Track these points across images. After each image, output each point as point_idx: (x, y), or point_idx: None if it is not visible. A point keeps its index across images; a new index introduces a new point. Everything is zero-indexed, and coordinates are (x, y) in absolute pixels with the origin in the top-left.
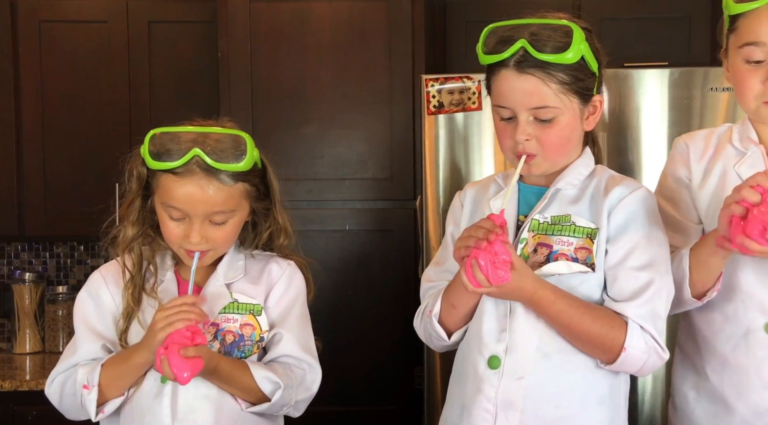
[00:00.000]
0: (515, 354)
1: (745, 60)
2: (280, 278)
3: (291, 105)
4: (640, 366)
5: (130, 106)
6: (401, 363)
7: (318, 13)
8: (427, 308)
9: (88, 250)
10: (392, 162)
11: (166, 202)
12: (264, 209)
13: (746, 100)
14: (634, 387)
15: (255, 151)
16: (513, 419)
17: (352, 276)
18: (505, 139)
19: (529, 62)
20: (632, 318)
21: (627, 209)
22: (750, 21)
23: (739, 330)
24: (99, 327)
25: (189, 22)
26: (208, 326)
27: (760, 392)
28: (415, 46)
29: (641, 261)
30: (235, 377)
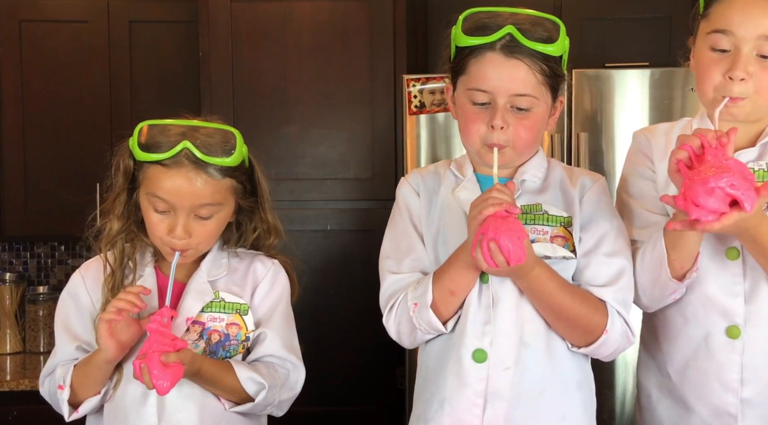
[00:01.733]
0: (500, 345)
1: (710, 47)
2: (264, 277)
3: (272, 105)
4: (614, 349)
5: (111, 105)
6: (383, 363)
7: (299, 13)
8: (409, 300)
9: (69, 250)
10: (374, 162)
11: (153, 192)
12: (250, 208)
13: (705, 89)
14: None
15: (244, 147)
16: (500, 409)
17: (334, 276)
18: (476, 124)
19: (518, 48)
20: (610, 303)
21: (594, 198)
22: (724, 8)
23: (700, 334)
24: (76, 328)
25: (170, 22)
26: (191, 323)
27: (720, 394)
28: (396, 46)
29: (613, 248)
30: (219, 378)
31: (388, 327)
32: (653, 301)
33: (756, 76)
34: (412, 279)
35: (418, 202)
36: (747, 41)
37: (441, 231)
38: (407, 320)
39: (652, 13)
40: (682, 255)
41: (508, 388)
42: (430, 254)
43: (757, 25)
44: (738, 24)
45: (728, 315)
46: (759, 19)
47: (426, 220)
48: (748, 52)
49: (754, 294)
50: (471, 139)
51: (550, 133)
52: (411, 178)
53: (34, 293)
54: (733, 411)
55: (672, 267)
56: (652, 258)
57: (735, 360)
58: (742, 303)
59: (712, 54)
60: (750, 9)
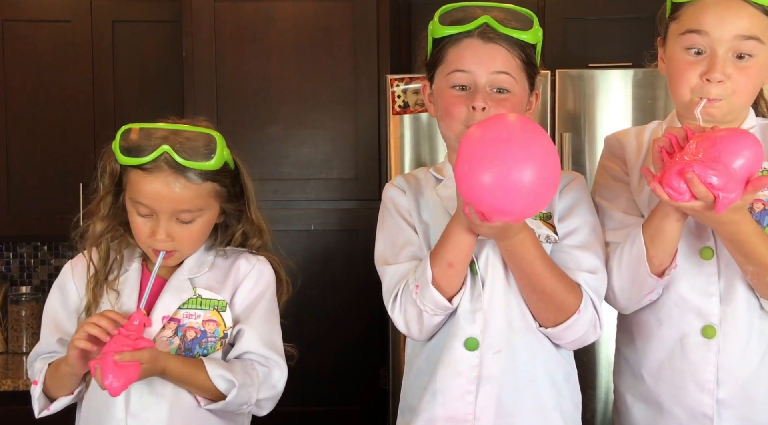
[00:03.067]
0: (490, 330)
1: (684, 48)
2: (248, 274)
3: (256, 105)
4: (581, 334)
5: (93, 105)
6: (366, 363)
7: (283, 13)
8: (411, 285)
9: (52, 250)
10: (357, 162)
11: (134, 197)
12: (236, 210)
13: (681, 91)
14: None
15: (225, 150)
16: (491, 393)
17: (318, 276)
18: (457, 107)
19: (495, 34)
20: (584, 287)
21: (572, 194)
22: (695, 9)
23: (675, 334)
24: (60, 320)
25: (153, 22)
26: (168, 321)
27: (696, 395)
28: (380, 46)
29: (588, 240)
30: (189, 376)
31: (394, 318)
32: (630, 301)
33: (733, 78)
34: (411, 266)
35: (407, 200)
36: (722, 42)
37: (431, 227)
38: (412, 304)
39: (635, 13)
40: (661, 251)
41: (498, 372)
42: (424, 249)
43: (732, 25)
44: (712, 24)
45: (703, 314)
46: (733, 19)
47: (417, 216)
48: (724, 53)
49: (729, 293)
50: (452, 123)
51: None
52: (396, 181)
53: (16, 293)
54: (708, 412)
55: (651, 264)
56: (631, 255)
57: (711, 359)
58: (717, 302)
59: (686, 55)
60: (723, 10)
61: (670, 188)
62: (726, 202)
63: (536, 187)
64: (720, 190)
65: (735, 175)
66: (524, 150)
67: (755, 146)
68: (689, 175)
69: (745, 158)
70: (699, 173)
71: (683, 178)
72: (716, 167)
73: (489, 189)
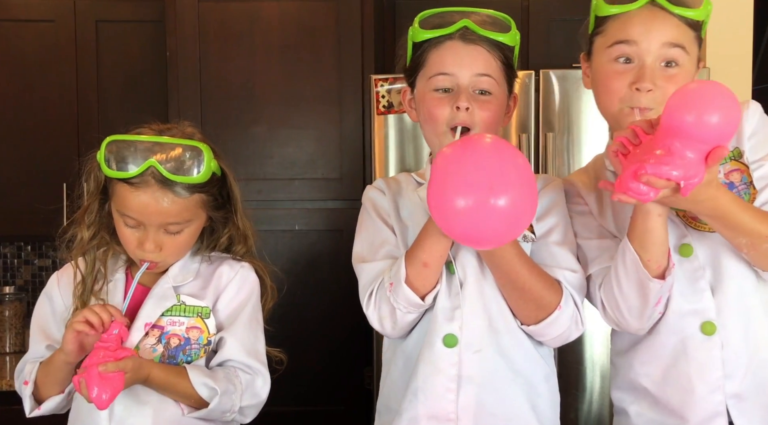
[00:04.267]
0: (470, 328)
1: (613, 59)
2: (231, 281)
3: (240, 104)
4: (562, 331)
5: (77, 105)
6: (351, 363)
7: (267, 13)
8: (386, 282)
9: (36, 250)
10: (342, 162)
11: (121, 210)
12: (223, 217)
13: (610, 101)
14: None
15: (213, 162)
16: (471, 392)
17: (302, 276)
18: (441, 108)
19: (475, 36)
20: (564, 284)
21: (549, 195)
22: (621, 22)
23: (675, 339)
24: (49, 328)
25: (137, 22)
26: (150, 327)
27: (706, 396)
28: (364, 46)
29: (563, 238)
30: (172, 383)
31: (369, 315)
32: (642, 319)
33: (661, 87)
34: (387, 264)
35: (386, 201)
36: (650, 52)
37: (410, 228)
38: (386, 301)
39: None
40: (653, 252)
41: (479, 372)
42: (402, 249)
43: (659, 34)
44: (640, 34)
45: (700, 312)
46: (660, 28)
47: (396, 219)
48: (653, 62)
49: (718, 284)
50: (436, 126)
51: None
52: (376, 183)
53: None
54: (721, 408)
55: (649, 268)
56: (626, 268)
57: (715, 356)
58: (710, 296)
59: (615, 65)
60: (650, 20)
61: (632, 192)
62: (690, 187)
63: (511, 216)
64: (681, 179)
65: (691, 161)
66: (502, 173)
67: (704, 126)
68: (644, 178)
69: (698, 141)
70: (653, 172)
71: (641, 181)
72: (668, 160)
73: (462, 215)
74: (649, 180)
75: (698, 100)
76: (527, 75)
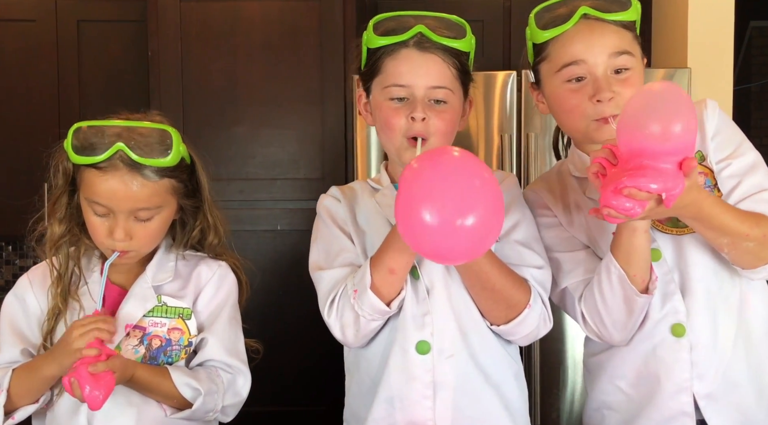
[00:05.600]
0: (441, 334)
1: (565, 81)
2: (209, 280)
3: (222, 105)
4: (532, 329)
5: (59, 105)
6: (333, 363)
7: (249, 13)
8: (349, 289)
9: (17, 250)
10: (324, 162)
11: (90, 197)
12: (193, 206)
13: (575, 121)
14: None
15: (182, 146)
16: (447, 398)
17: (284, 276)
18: (396, 118)
19: (430, 44)
20: (531, 282)
21: (507, 192)
22: (561, 45)
23: (647, 341)
24: (23, 331)
25: (118, 21)
26: (133, 329)
27: (673, 396)
28: (346, 46)
29: (525, 236)
30: (155, 384)
31: (330, 323)
32: (625, 331)
33: (620, 93)
34: (347, 272)
35: (342, 209)
36: (599, 65)
37: (368, 234)
38: (349, 309)
39: None
40: (639, 268)
41: (453, 377)
42: (360, 255)
43: (602, 46)
44: (584, 51)
45: (670, 315)
46: (601, 40)
47: (352, 224)
48: (604, 73)
49: (686, 287)
50: (392, 135)
51: (501, 134)
52: (330, 191)
53: None
54: (688, 409)
55: (635, 283)
56: (612, 284)
57: (684, 358)
58: (680, 298)
59: (569, 85)
60: (589, 35)
61: (619, 209)
62: (672, 197)
63: (480, 234)
64: (662, 191)
65: (668, 172)
66: (471, 191)
67: (671, 138)
68: (626, 191)
69: (666, 155)
70: (632, 185)
71: (623, 196)
72: (646, 173)
73: (430, 235)
74: (630, 192)
75: (636, 123)
76: (509, 75)
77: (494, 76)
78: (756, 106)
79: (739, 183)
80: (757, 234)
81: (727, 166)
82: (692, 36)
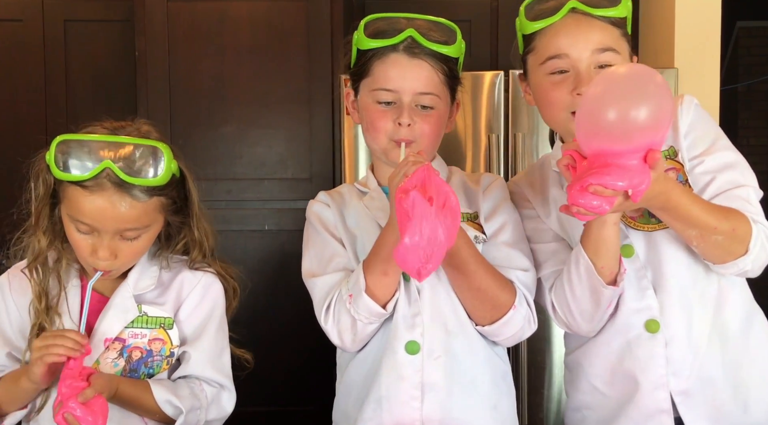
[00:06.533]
0: (430, 335)
1: (548, 74)
2: (192, 290)
3: (209, 104)
4: (517, 330)
5: (46, 105)
6: (323, 363)
7: (236, 13)
8: (344, 294)
9: (2, 251)
10: (312, 162)
11: (73, 215)
12: (179, 222)
13: (555, 113)
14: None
15: (173, 162)
16: (435, 399)
17: (272, 276)
18: (382, 121)
19: (420, 49)
20: (517, 283)
21: (494, 194)
22: (548, 38)
23: (620, 337)
24: (6, 334)
25: (105, 21)
26: (113, 341)
27: (650, 393)
28: (333, 46)
29: (512, 237)
30: (136, 398)
31: (327, 330)
32: (593, 322)
33: None
34: (340, 277)
35: (332, 214)
36: (582, 59)
37: (358, 237)
38: (346, 314)
39: None
40: (607, 260)
41: (441, 377)
42: (352, 261)
43: (586, 41)
44: (568, 46)
45: (644, 310)
46: (586, 36)
47: (342, 228)
48: (587, 68)
49: (660, 283)
50: (378, 137)
51: (489, 134)
52: (319, 197)
53: None
54: (665, 406)
55: (602, 275)
56: (579, 275)
57: (659, 354)
58: (653, 295)
59: (552, 78)
60: (574, 30)
61: (586, 207)
62: (639, 193)
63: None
64: (627, 187)
65: (633, 168)
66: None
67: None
68: (592, 189)
69: (629, 153)
70: (598, 182)
71: (590, 194)
72: (610, 171)
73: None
74: (596, 190)
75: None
76: (496, 75)
77: (482, 77)
78: (743, 107)
79: (714, 179)
80: (725, 227)
81: (699, 163)
82: (679, 36)
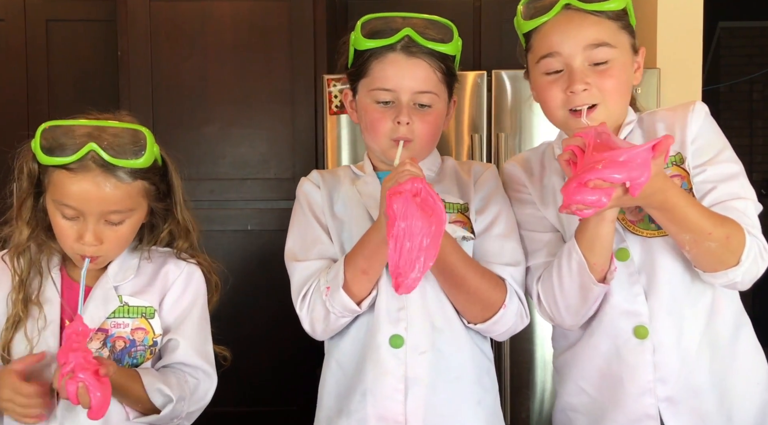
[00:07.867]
0: (415, 329)
1: (544, 73)
2: (176, 279)
3: (192, 104)
4: (509, 326)
5: (27, 105)
6: (304, 363)
7: (219, 13)
8: (322, 286)
9: None
10: (294, 162)
11: (59, 199)
12: (164, 209)
13: (553, 111)
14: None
15: (155, 147)
16: (419, 394)
17: (254, 276)
18: (383, 122)
19: (417, 48)
20: (508, 280)
21: (487, 184)
22: (542, 36)
23: (609, 341)
24: None
25: (88, 21)
26: (96, 331)
27: (637, 398)
28: (316, 45)
29: (505, 229)
30: (126, 387)
31: (301, 316)
32: (578, 317)
33: (597, 84)
34: (321, 265)
35: (320, 196)
36: (574, 57)
37: (346, 223)
38: (321, 305)
39: None
40: (599, 257)
41: (426, 373)
42: (336, 245)
43: (577, 38)
44: (560, 43)
45: (633, 315)
46: (577, 32)
47: (329, 213)
48: (581, 65)
49: (652, 289)
50: (378, 137)
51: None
52: (311, 176)
53: None
54: (652, 411)
55: (594, 271)
56: (570, 269)
57: (647, 360)
58: (644, 301)
59: (547, 78)
60: (566, 26)
61: (585, 203)
62: (638, 186)
63: None
64: (626, 180)
65: (632, 161)
66: None
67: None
68: (592, 183)
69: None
70: (597, 176)
71: (589, 189)
72: (609, 164)
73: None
74: (596, 184)
75: None
76: (479, 75)
77: (464, 77)
78: (725, 107)
79: (714, 188)
80: (719, 234)
81: (701, 172)
82: (661, 36)
